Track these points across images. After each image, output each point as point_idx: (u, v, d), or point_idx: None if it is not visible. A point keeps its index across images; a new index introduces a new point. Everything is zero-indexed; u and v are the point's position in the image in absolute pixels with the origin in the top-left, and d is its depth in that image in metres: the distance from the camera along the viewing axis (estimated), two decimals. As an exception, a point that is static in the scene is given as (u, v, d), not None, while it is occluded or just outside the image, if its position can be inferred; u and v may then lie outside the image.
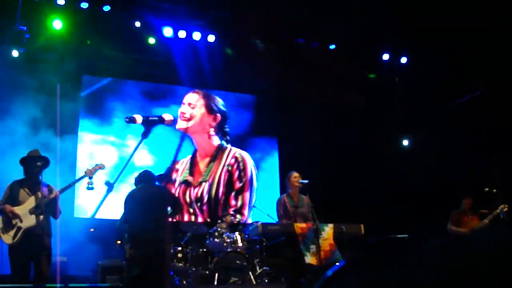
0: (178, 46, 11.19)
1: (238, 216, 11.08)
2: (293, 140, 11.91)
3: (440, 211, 9.68)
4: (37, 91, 9.51)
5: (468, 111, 11.39)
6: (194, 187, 10.97)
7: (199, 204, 10.91)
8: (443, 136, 11.47)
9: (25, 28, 10.07)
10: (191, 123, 10.97)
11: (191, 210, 10.85)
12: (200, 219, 10.89)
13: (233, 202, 11.12)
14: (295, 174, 8.26)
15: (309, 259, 7.13)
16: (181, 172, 11.06)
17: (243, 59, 11.63)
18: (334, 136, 12.00)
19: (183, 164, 11.12)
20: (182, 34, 11.12)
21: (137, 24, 10.76)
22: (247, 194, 11.25)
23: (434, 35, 11.14)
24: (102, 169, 6.92)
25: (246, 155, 11.33)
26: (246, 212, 11.16)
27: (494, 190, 9.01)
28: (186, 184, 10.95)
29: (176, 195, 10.76)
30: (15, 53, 10.05)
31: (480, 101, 11.25)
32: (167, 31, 11.00)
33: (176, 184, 10.95)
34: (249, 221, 11.08)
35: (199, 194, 10.94)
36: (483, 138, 10.94)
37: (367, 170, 11.46)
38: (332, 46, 12.04)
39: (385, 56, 12.36)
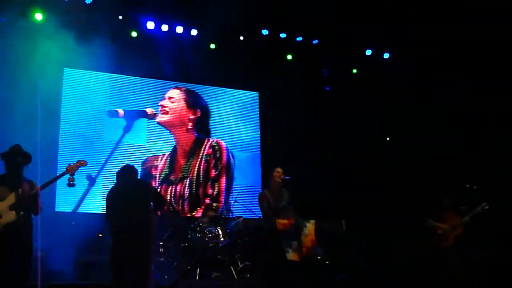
0: (160, 40, 11.15)
1: (214, 204, 11.11)
2: (276, 136, 11.90)
3: (422, 207, 9.76)
4: (18, 84, 9.40)
5: (450, 108, 11.47)
6: (176, 185, 10.96)
7: (180, 201, 10.90)
8: (426, 133, 11.54)
9: (5, 20, 9.94)
10: (170, 116, 11.03)
11: (171, 208, 10.83)
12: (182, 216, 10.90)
13: (210, 191, 11.14)
14: (278, 169, 8.26)
15: (291, 255, 7.17)
16: (161, 169, 11.03)
17: (226, 54, 11.61)
18: (317, 132, 12.03)
19: (162, 160, 11.08)
20: (164, 27, 11.08)
21: (120, 17, 10.71)
22: (223, 180, 11.27)
23: (416, 30, 11.19)
24: (84, 166, 6.81)
25: (222, 143, 11.42)
26: (223, 199, 11.17)
27: (474, 187, 9.11)
28: (168, 182, 10.94)
29: None
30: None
31: (462, 99, 11.34)
32: (150, 25, 10.96)
33: (157, 181, 10.93)
34: (231, 210, 11.12)
35: (181, 191, 10.95)
36: (465, 135, 11.05)
37: (350, 166, 11.50)
38: (315, 41, 12.07)
39: (368, 52, 12.42)
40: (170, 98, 11.12)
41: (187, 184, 10.98)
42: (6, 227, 6.24)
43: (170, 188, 10.88)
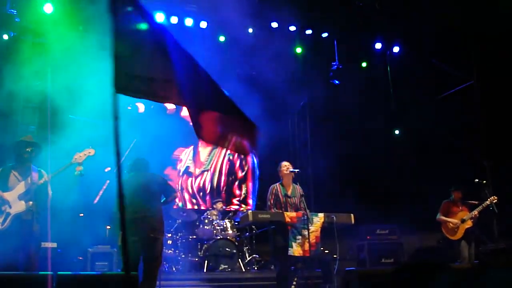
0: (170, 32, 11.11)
1: (243, 205, 11.23)
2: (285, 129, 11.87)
3: (430, 200, 9.72)
4: (28, 75, 9.40)
5: (459, 101, 11.42)
6: (196, 177, 11.10)
7: (201, 193, 11.03)
8: (434, 126, 11.48)
9: (15, 11, 9.94)
10: None
11: (194, 200, 10.94)
12: (203, 208, 10.96)
13: (237, 192, 11.30)
14: (285, 163, 8.12)
15: (293, 250, 7.13)
16: (184, 162, 11.15)
17: (235, 46, 11.56)
18: (325, 125, 11.98)
19: (185, 154, 11.21)
20: (174, 20, 11.06)
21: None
22: (250, 184, 11.40)
23: (426, 24, 11.13)
24: (91, 155, 6.79)
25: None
26: (250, 201, 11.30)
27: (484, 181, 9.07)
28: (188, 174, 11.09)
29: (179, 185, 10.87)
30: (5, 37, 9.98)
31: (471, 91, 11.29)
32: (159, 17, 10.93)
33: (180, 173, 11.07)
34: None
35: (201, 184, 11.07)
36: (474, 128, 10.99)
37: (358, 159, 11.45)
38: (325, 34, 12.00)
39: (378, 45, 12.36)
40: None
41: (208, 178, 11.09)
42: (16, 216, 6.26)
43: (190, 180, 11.01)
